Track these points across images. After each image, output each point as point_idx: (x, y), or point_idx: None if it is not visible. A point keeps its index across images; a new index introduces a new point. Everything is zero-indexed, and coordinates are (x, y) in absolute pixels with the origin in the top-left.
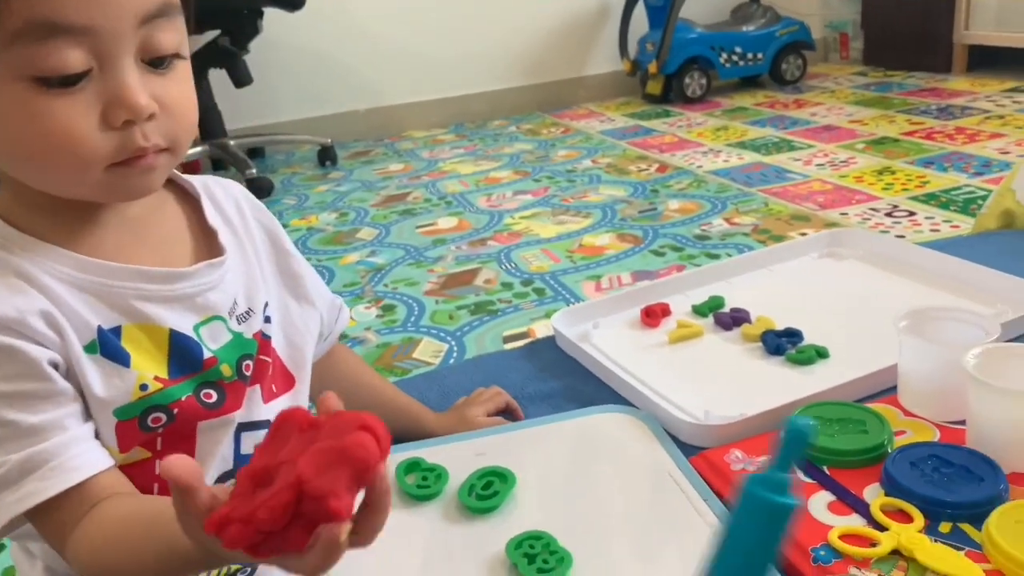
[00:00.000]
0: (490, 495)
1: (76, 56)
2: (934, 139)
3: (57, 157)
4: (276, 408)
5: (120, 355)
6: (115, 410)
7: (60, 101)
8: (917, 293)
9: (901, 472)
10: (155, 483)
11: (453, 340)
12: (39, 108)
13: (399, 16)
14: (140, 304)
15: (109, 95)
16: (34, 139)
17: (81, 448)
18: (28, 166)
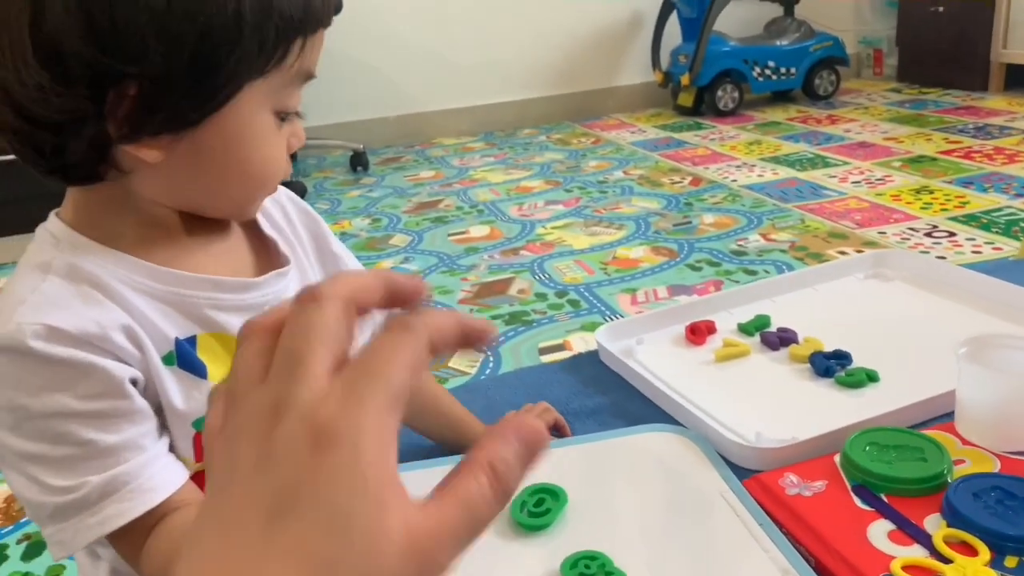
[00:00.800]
0: (542, 512)
1: (299, 97)
2: (972, 158)
3: (269, 180)
4: None
5: (197, 366)
6: (194, 422)
7: (281, 132)
8: (967, 317)
9: (964, 503)
10: None
11: (489, 350)
12: (275, 137)
13: (431, 24)
14: (214, 313)
15: (293, 129)
16: (264, 163)
17: (158, 467)
18: (234, 188)
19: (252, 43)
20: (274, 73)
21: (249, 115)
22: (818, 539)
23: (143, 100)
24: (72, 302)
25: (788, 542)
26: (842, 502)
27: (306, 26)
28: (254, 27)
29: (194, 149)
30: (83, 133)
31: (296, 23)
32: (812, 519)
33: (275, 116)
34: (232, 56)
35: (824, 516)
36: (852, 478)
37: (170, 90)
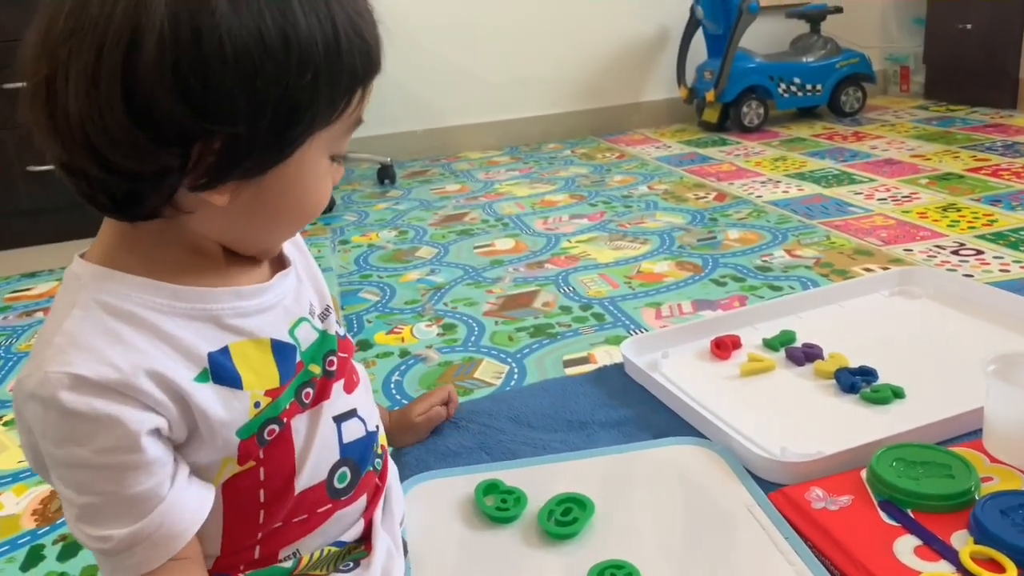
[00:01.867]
0: (569, 521)
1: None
2: (1000, 176)
3: (313, 215)
4: (359, 398)
5: (232, 378)
6: (237, 431)
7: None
8: (994, 335)
9: (991, 520)
10: (260, 489)
11: (514, 362)
12: (327, 179)
13: (459, 39)
14: (239, 321)
15: (338, 172)
16: (316, 202)
17: (179, 509)
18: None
19: (326, 100)
20: (337, 123)
21: (310, 162)
22: (844, 553)
23: (225, 155)
24: (95, 341)
25: (814, 556)
26: (868, 517)
27: (368, 76)
28: (329, 87)
29: (257, 192)
30: (164, 184)
31: (361, 75)
32: (838, 533)
33: (330, 160)
34: (309, 113)
35: (850, 530)
36: (879, 493)
37: (252, 145)
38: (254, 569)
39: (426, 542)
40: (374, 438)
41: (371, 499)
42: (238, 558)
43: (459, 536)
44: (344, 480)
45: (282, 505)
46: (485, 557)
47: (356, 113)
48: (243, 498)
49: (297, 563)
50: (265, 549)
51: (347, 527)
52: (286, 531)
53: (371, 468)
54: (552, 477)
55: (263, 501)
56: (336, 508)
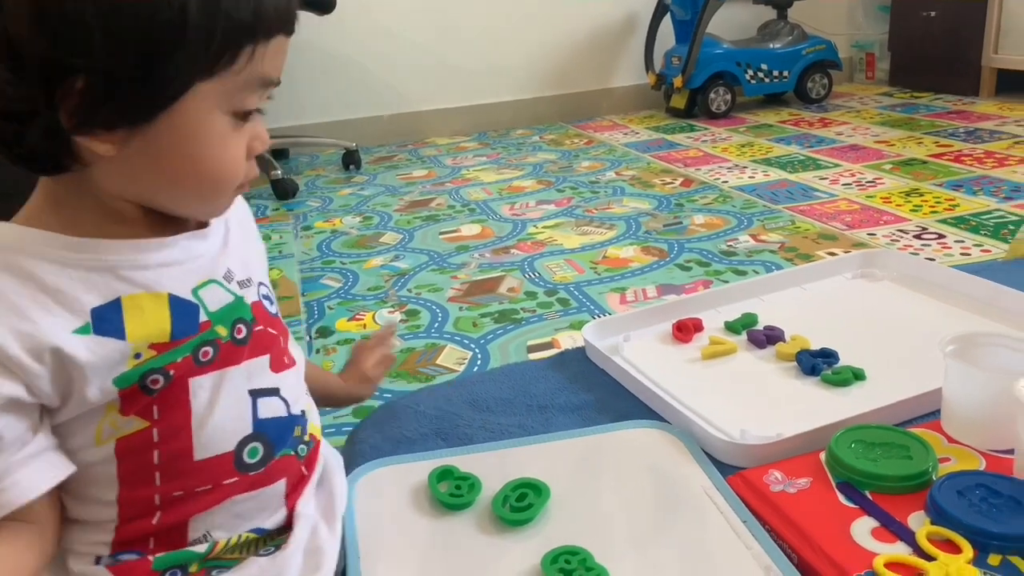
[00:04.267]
0: (524, 507)
1: (260, 99)
2: (963, 162)
3: (224, 180)
4: (286, 379)
5: (115, 329)
6: (114, 379)
7: (237, 134)
8: (954, 317)
9: (948, 501)
10: (154, 450)
11: (477, 348)
12: (228, 138)
13: (426, 23)
14: (137, 274)
15: (255, 131)
16: (218, 164)
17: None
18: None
19: (197, 43)
20: (224, 76)
21: (200, 115)
22: (801, 536)
23: (90, 93)
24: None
25: (771, 539)
26: (826, 499)
27: (256, 32)
28: (198, 27)
29: (146, 146)
30: (37, 123)
31: (245, 28)
32: (796, 516)
33: (231, 117)
34: (176, 54)
35: (808, 513)
36: (837, 475)
37: (116, 85)
38: (163, 551)
39: (378, 530)
40: (297, 421)
41: (293, 486)
42: (138, 526)
43: (411, 523)
44: (255, 455)
45: (180, 469)
46: (437, 544)
47: (254, 70)
48: (137, 459)
49: (212, 547)
50: (168, 518)
51: (266, 512)
52: (190, 501)
53: (291, 452)
54: (508, 462)
55: (157, 463)
56: (247, 483)
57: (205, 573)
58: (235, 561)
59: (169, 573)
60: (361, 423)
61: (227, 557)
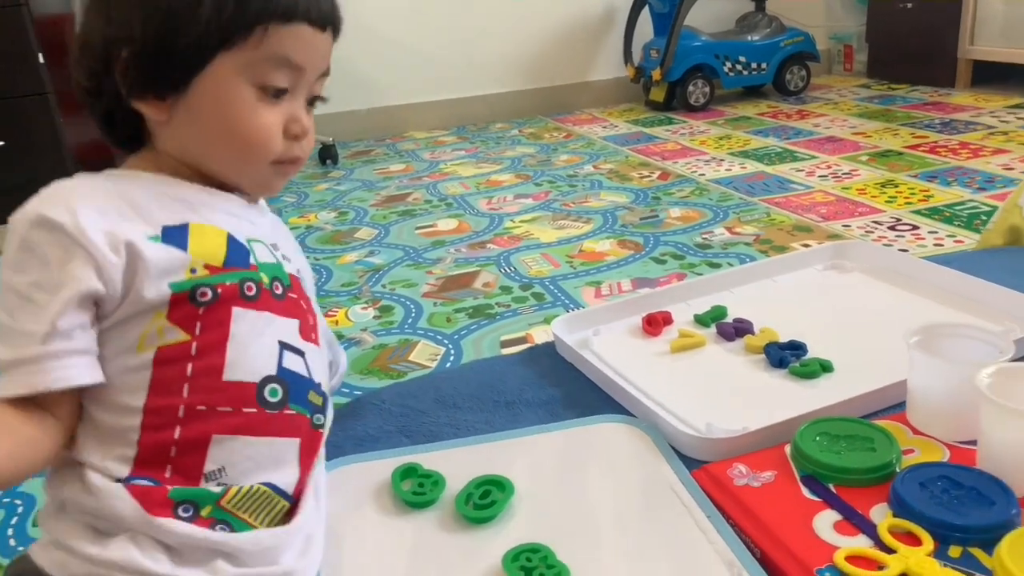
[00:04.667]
0: (487, 504)
1: (286, 81)
2: (938, 153)
3: (254, 145)
4: (311, 350)
5: (178, 243)
6: (171, 283)
7: (268, 107)
8: (923, 308)
9: (910, 493)
10: (189, 363)
11: (450, 343)
12: (256, 108)
13: (403, 16)
14: (205, 210)
15: (292, 114)
16: (246, 128)
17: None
18: (224, 149)
19: (212, 16)
20: (242, 48)
21: (225, 81)
22: (764, 530)
23: (133, 61)
24: (72, 196)
25: (734, 534)
26: (790, 493)
27: (269, 13)
28: (213, 7)
29: (188, 111)
30: (104, 90)
31: (255, 8)
32: (759, 510)
33: (257, 89)
34: (193, 25)
35: (771, 507)
36: (801, 468)
37: (150, 53)
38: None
39: (339, 529)
40: (314, 387)
41: (306, 449)
42: (160, 437)
43: (373, 522)
44: (275, 395)
45: (208, 385)
46: (399, 543)
47: (270, 49)
48: (172, 369)
49: (225, 491)
50: (188, 432)
51: (281, 467)
52: (212, 419)
53: (306, 413)
54: (472, 459)
55: (190, 375)
56: (264, 420)
57: (212, 522)
58: (244, 525)
59: (183, 507)
60: None
61: (238, 514)
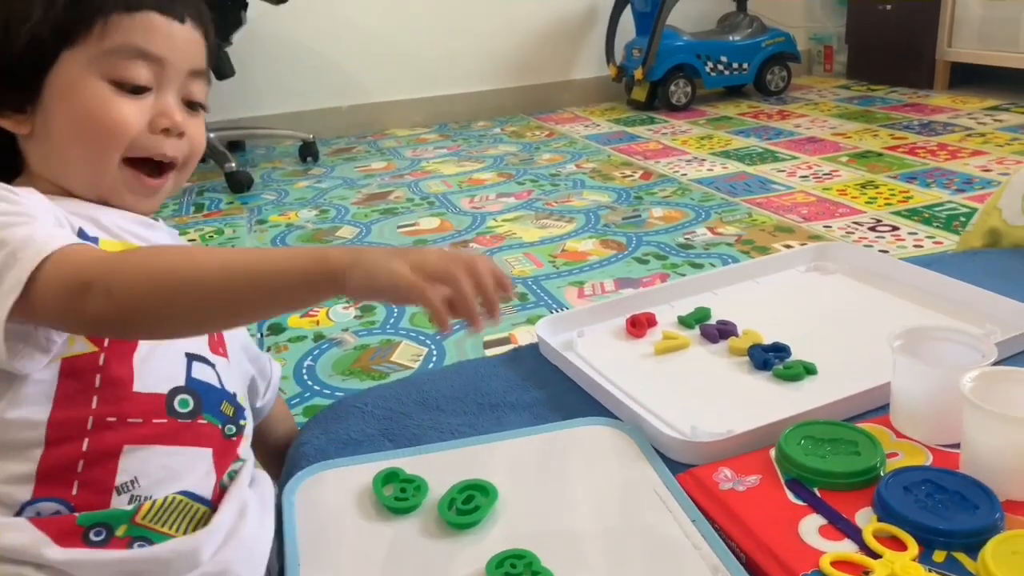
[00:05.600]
0: (471, 510)
1: (146, 75)
2: (917, 154)
3: (105, 133)
4: (221, 361)
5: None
6: None
7: (125, 101)
8: (904, 310)
9: (895, 497)
10: (97, 374)
11: (432, 344)
12: (111, 99)
13: (385, 13)
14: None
15: (159, 108)
16: (97, 117)
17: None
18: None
19: (44, 13)
20: (87, 43)
21: (73, 80)
22: (749, 535)
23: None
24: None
25: (719, 538)
26: (775, 497)
27: (105, 6)
28: (43, 4)
29: (46, 118)
30: None
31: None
32: (744, 514)
33: (110, 84)
34: (26, 24)
35: (756, 511)
36: (786, 472)
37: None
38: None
39: (319, 536)
40: (226, 397)
41: (219, 458)
42: (66, 451)
43: (355, 528)
44: (186, 406)
45: (117, 395)
46: (381, 550)
47: (119, 40)
48: (79, 381)
49: (138, 507)
50: (97, 444)
51: (195, 475)
52: (122, 430)
53: (218, 423)
54: (456, 463)
55: (98, 386)
56: (175, 430)
57: (129, 541)
58: (163, 537)
59: (94, 531)
60: (305, 425)
61: (156, 527)
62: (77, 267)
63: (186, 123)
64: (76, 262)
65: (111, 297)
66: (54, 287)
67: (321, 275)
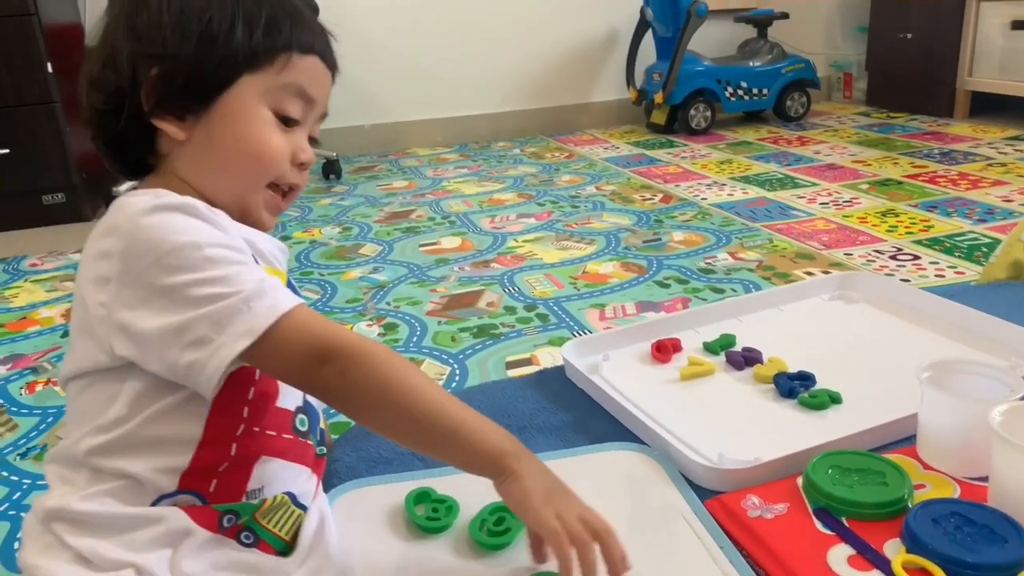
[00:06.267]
0: (502, 531)
1: (299, 112)
2: (937, 183)
3: (266, 161)
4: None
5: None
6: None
7: (281, 133)
8: (929, 341)
9: (923, 529)
10: (252, 387)
11: (455, 363)
12: (274, 130)
13: (409, 34)
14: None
15: (299, 144)
16: (258, 144)
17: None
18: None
19: (243, 39)
20: (266, 72)
21: (245, 102)
22: (778, 563)
23: (163, 78)
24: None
25: (748, 566)
26: (803, 525)
27: (291, 42)
28: (244, 27)
29: (207, 131)
30: (123, 109)
31: (281, 35)
32: (773, 542)
33: (273, 114)
34: (226, 46)
35: (785, 539)
36: (814, 501)
37: (183, 69)
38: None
39: (354, 552)
40: (317, 419)
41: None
42: (217, 451)
43: (387, 546)
44: (304, 425)
45: (263, 408)
46: (413, 569)
47: (289, 77)
48: (236, 390)
49: (261, 503)
50: (241, 451)
51: (303, 489)
52: (261, 441)
53: (313, 440)
54: (486, 485)
55: (250, 398)
56: (295, 446)
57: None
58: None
59: (227, 517)
60: (336, 441)
61: (265, 524)
62: (319, 338)
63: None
64: (317, 332)
65: (344, 378)
66: (294, 348)
67: (494, 470)
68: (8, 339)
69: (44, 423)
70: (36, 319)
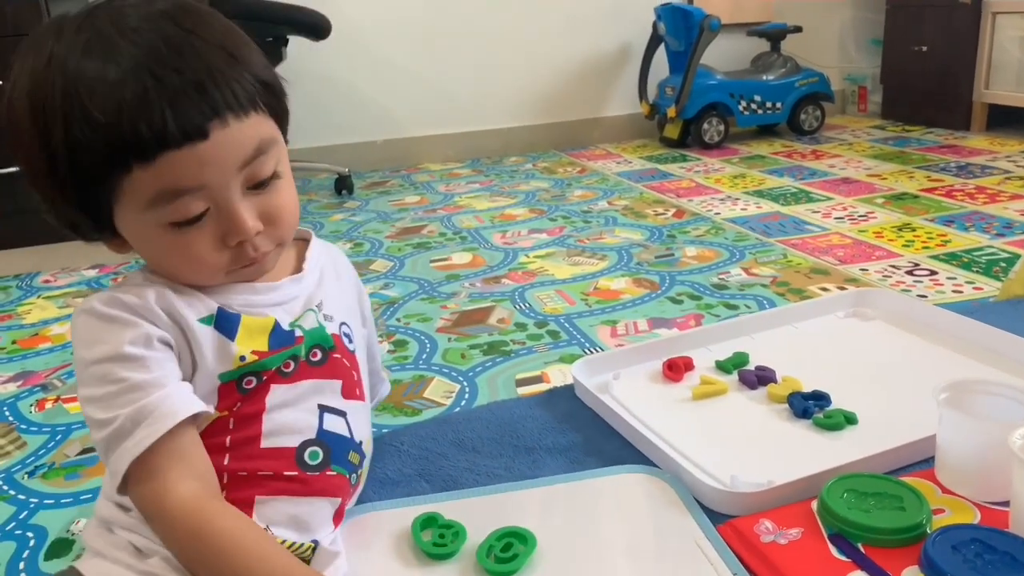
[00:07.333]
0: (509, 558)
1: (196, 205)
2: (954, 197)
3: (190, 270)
4: (353, 407)
5: (230, 330)
6: (220, 374)
7: (189, 234)
8: (946, 360)
9: (942, 556)
10: (228, 436)
11: (465, 380)
12: (176, 241)
13: (420, 49)
14: (253, 308)
15: (225, 225)
16: (174, 259)
17: (176, 399)
18: (171, 272)
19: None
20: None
21: (138, 230)
22: None
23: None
24: (139, 290)
25: None
26: (818, 551)
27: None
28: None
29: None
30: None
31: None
32: (787, 569)
33: (171, 227)
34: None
35: (799, 566)
36: (829, 526)
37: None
38: None
39: None
40: (355, 447)
41: (341, 506)
42: None
43: (394, 573)
44: (316, 458)
45: (247, 453)
46: None
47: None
48: (212, 440)
49: None
50: (233, 495)
51: (321, 520)
52: (255, 483)
53: (345, 473)
54: (493, 509)
55: (228, 446)
56: (305, 482)
57: None
58: None
59: None
60: None
61: None
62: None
63: (262, 209)
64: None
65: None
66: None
67: None
68: (20, 356)
69: (53, 441)
70: (48, 336)
